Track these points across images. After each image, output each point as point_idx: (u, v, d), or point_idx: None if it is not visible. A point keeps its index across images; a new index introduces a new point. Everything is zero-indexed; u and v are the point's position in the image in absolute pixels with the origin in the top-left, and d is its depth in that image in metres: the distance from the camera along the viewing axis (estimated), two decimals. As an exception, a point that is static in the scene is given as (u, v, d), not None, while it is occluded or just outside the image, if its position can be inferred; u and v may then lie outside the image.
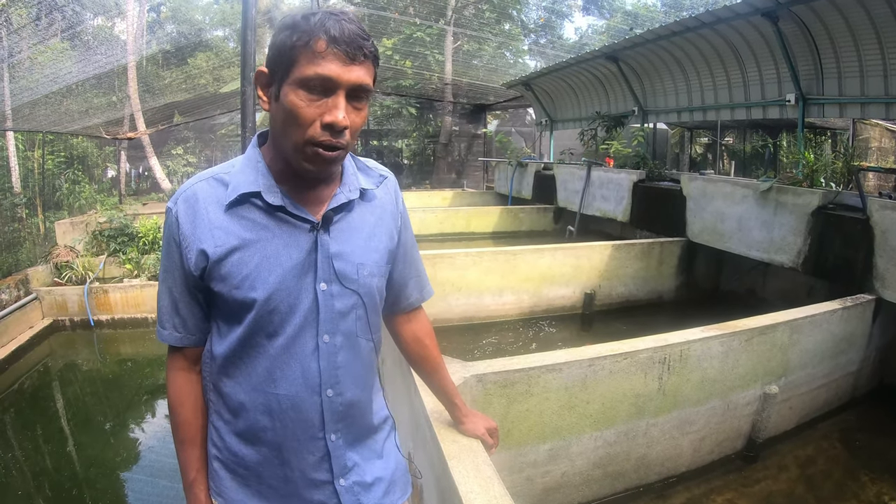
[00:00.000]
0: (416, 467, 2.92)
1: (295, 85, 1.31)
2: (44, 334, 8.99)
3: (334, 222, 1.47)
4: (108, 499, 5.19)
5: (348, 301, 1.48)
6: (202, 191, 1.45)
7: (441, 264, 7.00)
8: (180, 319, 1.52)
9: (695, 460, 4.30)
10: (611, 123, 12.66)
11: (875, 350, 5.40)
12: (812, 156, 6.94)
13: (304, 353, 1.44)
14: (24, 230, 11.79)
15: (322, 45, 1.28)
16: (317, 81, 1.29)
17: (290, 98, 1.31)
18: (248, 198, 1.42)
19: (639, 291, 8.09)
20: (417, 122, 25.25)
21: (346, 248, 1.48)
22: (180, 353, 1.56)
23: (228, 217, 1.42)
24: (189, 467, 1.57)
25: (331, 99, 1.31)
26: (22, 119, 13.23)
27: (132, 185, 22.70)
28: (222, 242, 1.40)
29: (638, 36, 10.52)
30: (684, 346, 3.94)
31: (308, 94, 1.30)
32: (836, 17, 7.14)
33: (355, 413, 1.55)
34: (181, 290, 1.49)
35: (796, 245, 6.31)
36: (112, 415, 6.90)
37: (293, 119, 1.32)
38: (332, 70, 1.28)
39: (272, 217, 1.43)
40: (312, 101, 1.30)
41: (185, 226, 1.43)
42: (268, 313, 1.41)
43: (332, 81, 1.29)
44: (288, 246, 1.42)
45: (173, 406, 1.57)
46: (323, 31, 1.28)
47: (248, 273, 1.40)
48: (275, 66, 1.35)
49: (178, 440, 1.58)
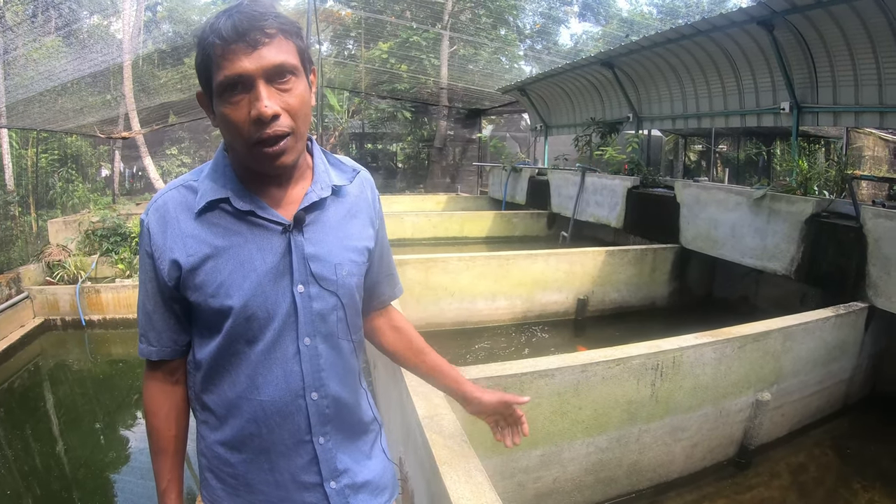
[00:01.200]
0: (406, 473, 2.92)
1: (218, 96, 1.30)
2: (35, 333, 8.94)
3: (308, 222, 1.44)
4: (97, 499, 5.15)
5: (327, 302, 1.45)
6: (172, 200, 1.43)
7: (434, 269, 7.00)
8: (155, 333, 1.50)
9: (687, 467, 4.31)
10: (605, 130, 12.71)
11: (867, 358, 5.42)
12: (806, 164, 6.94)
13: (285, 357, 1.42)
14: (16, 228, 11.72)
15: (219, 49, 1.25)
16: (229, 84, 1.27)
17: (220, 109, 1.31)
18: (217, 204, 1.40)
19: (632, 297, 8.11)
20: (412, 126, 25.27)
21: (321, 249, 1.45)
22: (157, 367, 1.54)
23: (199, 225, 1.39)
24: (161, 476, 1.57)
25: (252, 93, 1.27)
26: (16, 116, 13.18)
27: (126, 185, 22.64)
28: (194, 251, 1.38)
29: (633, 42, 10.56)
30: (677, 353, 3.94)
31: (230, 98, 1.28)
32: (832, 27, 7.17)
33: (342, 415, 1.53)
34: (155, 302, 1.47)
35: (789, 252, 6.33)
36: (102, 415, 6.86)
37: (229, 128, 1.31)
38: (236, 66, 1.25)
39: (243, 222, 1.40)
40: (237, 104, 1.28)
41: (156, 236, 1.41)
42: (245, 320, 1.39)
43: (242, 77, 1.26)
44: (261, 250, 1.39)
45: (147, 415, 1.57)
46: (214, 35, 1.26)
47: (223, 280, 1.37)
48: (203, 86, 1.35)
49: (152, 450, 1.57)
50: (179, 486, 1.60)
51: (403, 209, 14.43)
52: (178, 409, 1.57)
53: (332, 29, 26.73)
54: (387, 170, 26.47)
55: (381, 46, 22.96)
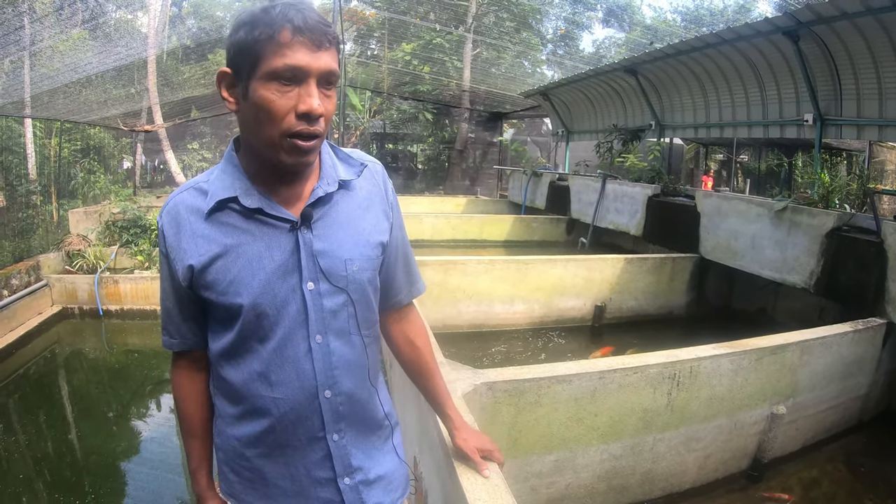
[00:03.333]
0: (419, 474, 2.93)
1: (264, 79, 1.29)
2: (52, 321, 9.04)
3: (316, 219, 1.45)
4: (108, 487, 5.21)
5: (338, 299, 1.46)
6: (183, 202, 1.45)
7: (453, 271, 7.01)
8: (174, 327, 1.56)
9: (699, 477, 4.29)
10: (627, 137, 12.65)
11: (884, 374, 5.37)
12: (828, 177, 6.90)
13: (297, 355, 1.44)
14: (37, 217, 11.86)
15: (287, 36, 1.26)
16: (287, 72, 1.27)
17: (261, 93, 1.30)
18: (226, 203, 1.42)
19: (649, 306, 8.08)
20: (433, 128, 25.27)
21: (331, 245, 1.45)
22: (182, 356, 1.61)
23: (209, 225, 1.42)
24: (192, 457, 1.65)
25: (302, 87, 1.29)
26: (41, 107, 13.31)
27: (147, 178, 22.82)
28: (205, 251, 1.41)
29: (657, 50, 10.50)
30: (694, 363, 3.93)
31: (279, 86, 1.29)
32: (857, 39, 7.11)
33: (356, 412, 1.54)
34: (173, 299, 1.53)
35: (809, 266, 6.29)
36: (116, 405, 6.93)
37: (267, 113, 1.31)
38: (300, 59, 1.27)
39: (251, 220, 1.42)
40: (284, 93, 1.29)
41: (170, 238, 1.45)
42: (256, 317, 1.41)
43: (302, 70, 1.28)
44: (270, 248, 1.41)
45: (176, 402, 1.64)
46: (286, 21, 1.26)
47: (233, 279, 1.40)
48: (238, 65, 1.33)
49: (183, 432, 1.66)
50: (209, 466, 1.65)
51: (423, 210, 14.46)
52: (205, 394, 1.63)
53: (355, 28, 26.81)
54: (407, 171, 26.50)
55: (404, 47, 22.98)
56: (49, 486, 5.17)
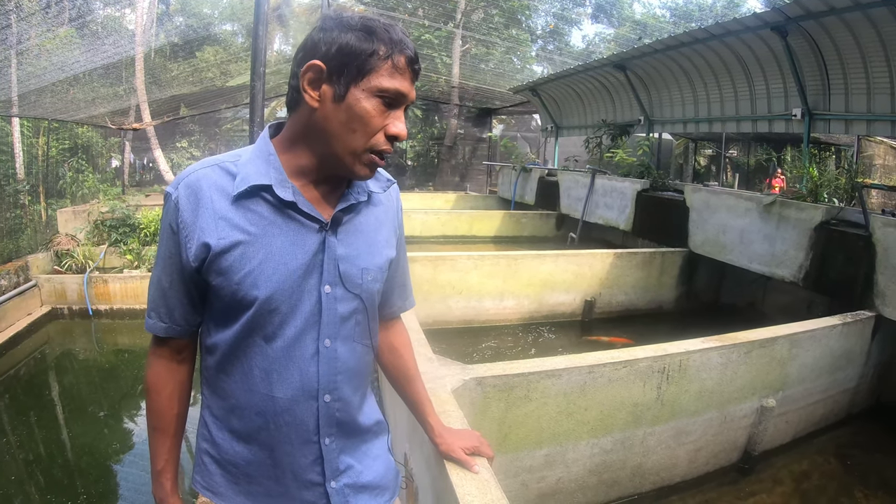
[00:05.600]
0: (410, 471, 2.92)
1: (370, 93, 1.31)
2: (42, 322, 8.98)
3: (342, 224, 1.45)
4: (99, 487, 5.18)
5: (350, 305, 1.46)
6: (206, 178, 1.39)
7: (442, 266, 7.01)
8: (167, 309, 1.46)
9: (690, 471, 4.31)
10: (616, 132, 12.69)
11: (873, 367, 5.40)
12: (816, 171, 6.93)
13: (303, 357, 1.42)
14: (25, 217, 11.79)
15: (403, 63, 1.33)
16: (394, 96, 1.33)
17: (363, 104, 1.31)
18: (258, 190, 1.37)
19: (639, 300, 8.10)
20: (423, 124, 25.27)
21: (351, 252, 1.45)
22: (164, 343, 1.51)
23: (234, 208, 1.36)
24: (159, 456, 1.55)
25: (394, 112, 1.35)
26: (28, 106, 13.24)
27: (136, 177, 22.72)
28: (226, 235, 1.34)
29: (646, 45, 10.54)
30: (684, 357, 3.94)
31: (381, 104, 1.32)
32: (845, 34, 7.15)
33: (351, 417, 1.54)
34: (173, 278, 1.43)
35: (798, 259, 6.32)
36: (107, 405, 6.89)
37: (363, 125, 1.32)
38: (405, 87, 1.34)
39: (280, 213, 1.38)
40: (383, 112, 1.33)
41: (185, 213, 1.36)
42: (268, 313, 1.37)
43: (405, 98, 1.36)
44: (294, 244, 1.38)
45: (149, 392, 1.53)
46: (406, 49, 1.33)
47: (251, 269, 1.35)
48: (341, 67, 1.31)
49: (150, 426, 1.55)
50: (175, 467, 1.58)
51: (412, 207, 14.42)
52: (182, 388, 1.55)
53: (344, 25, 26.71)
54: (396, 167, 26.43)
55: (393, 44, 22.96)
56: (41, 488, 5.13)
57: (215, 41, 29.47)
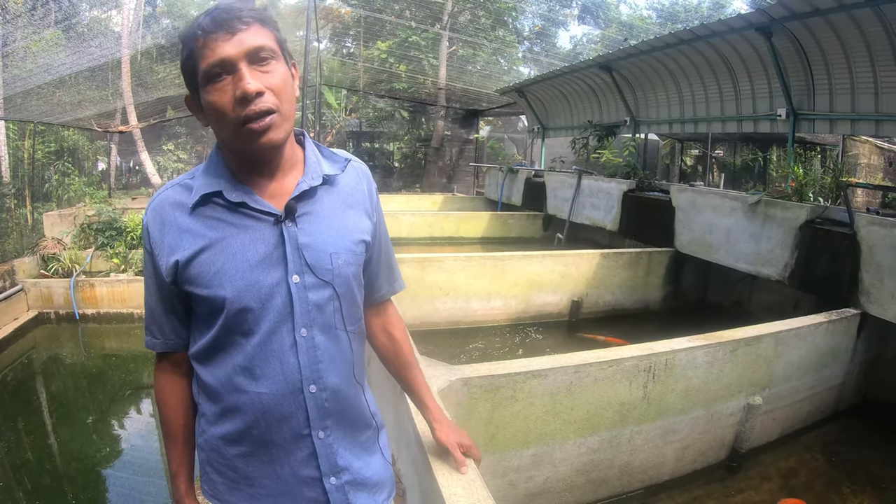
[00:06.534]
0: (398, 472, 2.93)
1: (203, 85, 1.35)
2: (28, 326, 8.94)
3: (300, 213, 1.46)
4: (88, 493, 5.16)
5: (323, 293, 1.47)
6: (168, 198, 1.47)
7: (430, 268, 7.01)
8: (157, 327, 1.55)
9: (678, 469, 4.33)
10: (602, 133, 12.70)
11: (859, 364, 5.45)
12: (801, 170, 6.97)
13: (282, 349, 1.43)
14: (11, 221, 11.73)
15: (200, 41, 1.33)
16: (213, 69, 1.32)
17: (206, 98, 1.36)
18: (211, 198, 1.43)
19: (626, 300, 8.12)
20: (410, 126, 25.25)
21: (316, 239, 1.46)
22: (164, 358, 1.60)
23: (194, 219, 1.43)
24: (172, 461, 1.63)
25: (234, 76, 1.33)
26: (13, 108, 13.15)
27: (122, 180, 22.59)
28: (189, 245, 1.42)
29: (632, 46, 10.56)
30: (669, 356, 3.96)
31: (214, 84, 1.33)
32: (829, 35, 7.19)
33: (343, 409, 1.54)
34: (156, 297, 1.53)
35: (783, 258, 6.35)
36: (95, 410, 6.86)
37: (216, 112, 1.35)
38: (218, 52, 1.31)
39: (236, 213, 1.43)
40: (221, 89, 1.33)
41: (154, 234, 1.46)
42: (239, 311, 1.40)
43: (225, 61, 1.32)
44: (254, 241, 1.42)
45: (158, 405, 1.63)
46: (198, 29, 1.33)
47: (216, 271, 1.40)
48: (189, 85, 1.41)
49: (164, 437, 1.64)
50: (189, 471, 1.64)
51: (399, 208, 14.43)
52: (186, 399, 1.61)
53: (331, 27, 26.70)
54: (383, 169, 26.43)
55: (380, 45, 22.94)
56: (29, 494, 5.12)
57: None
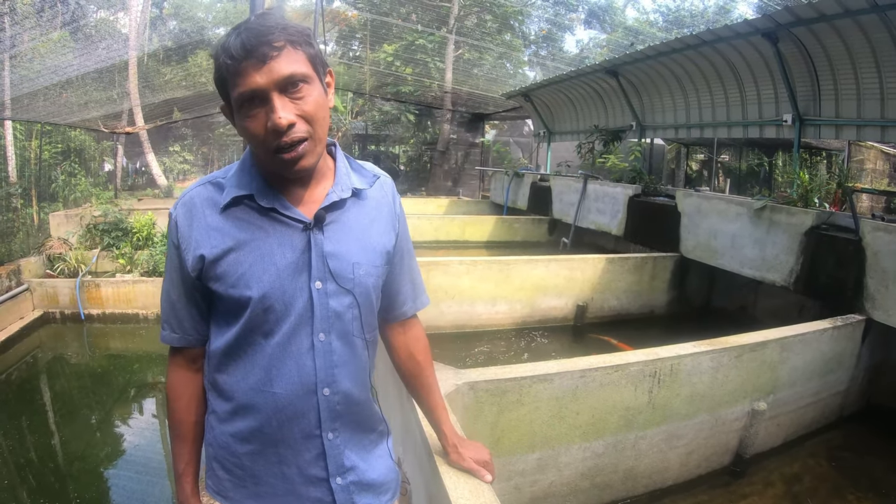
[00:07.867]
0: (404, 473, 2.93)
1: (237, 111, 1.37)
2: (34, 326, 8.95)
3: (328, 222, 1.48)
4: (91, 493, 5.17)
5: (343, 300, 1.49)
6: (199, 195, 1.50)
7: (435, 271, 7.01)
8: (177, 321, 1.57)
9: (682, 474, 4.32)
10: (608, 137, 12.71)
11: (864, 370, 5.44)
12: (807, 176, 6.97)
13: (299, 351, 1.46)
14: (17, 220, 11.73)
15: (231, 68, 1.32)
16: (245, 99, 1.33)
17: (240, 123, 1.38)
18: (242, 200, 1.46)
19: (631, 305, 8.12)
20: (415, 129, 25.24)
21: (340, 248, 1.49)
22: (179, 353, 1.61)
23: (224, 219, 1.46)
24: (180, 459, 1.63)
25: (268, 105, 1.33)
26: (21, 109, 13.18)
27: (128, 180, 22.62)
28: (218, 243, 1.44)
29: (638, 51, 10.56)
30: (675, 361, 3.96)
31: (248, 111, 1.35)
32: (836, 40, 7.19)
33: (352, 412, 1.56)
34: (179, 291, 1.54)
35: (788, 264, 6.35)
36: (99, 410, 6.87)
37: (251, 138, 1.38)
38: (249, 82, 1.31)
39: (266, 217, 1.46)
40: (255, 117, 1.34)
41: (183, 229, 1.48)
42: (263, 311, 1.43)
43: (256, 92, 1.32)
44: (282, 245, 1.44)
45: (169, 401, 1.63)
46: (226, 55, 1.32)
47: (244, 272, 1.42)
48: (224, 99, 1.43)
49: (171, 434, 1.65)
50: (195, 470, 1.65)
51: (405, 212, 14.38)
52: (199, 396, 1.63)
53: (337, 30, 26.73)
54: (389, 172, 26.22)
55: (386, 48, 22.94)
56: (33, 493, 5.12)
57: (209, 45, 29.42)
